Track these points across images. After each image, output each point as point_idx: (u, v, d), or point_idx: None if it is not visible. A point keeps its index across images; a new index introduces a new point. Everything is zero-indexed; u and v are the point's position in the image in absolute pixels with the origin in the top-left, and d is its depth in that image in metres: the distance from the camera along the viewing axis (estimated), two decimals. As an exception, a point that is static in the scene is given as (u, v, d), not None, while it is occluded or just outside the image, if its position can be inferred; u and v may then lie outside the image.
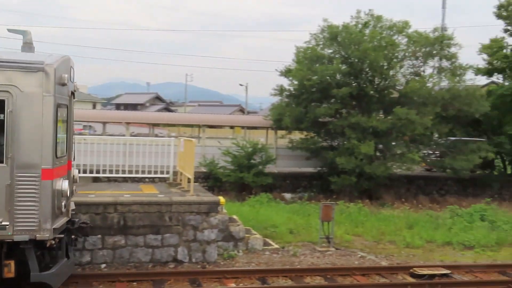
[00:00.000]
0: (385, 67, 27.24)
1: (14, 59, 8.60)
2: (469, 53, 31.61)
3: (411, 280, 12.38)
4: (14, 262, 8.68)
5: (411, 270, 12.81)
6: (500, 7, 29.70)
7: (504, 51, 29.95)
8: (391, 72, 27.73)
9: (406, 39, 29.07)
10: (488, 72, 30.71)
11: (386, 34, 28.54)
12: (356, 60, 26.94)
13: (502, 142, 28.72)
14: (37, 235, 8.56)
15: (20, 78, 8.46)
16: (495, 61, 30.09)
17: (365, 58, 26.25)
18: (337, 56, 27.73)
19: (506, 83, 30.18)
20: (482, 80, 32.73)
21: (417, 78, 28.29)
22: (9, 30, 9.76)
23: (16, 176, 8.49)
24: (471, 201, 24.93)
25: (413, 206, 25.00)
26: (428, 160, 30.66)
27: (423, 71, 29.92)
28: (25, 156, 8.52)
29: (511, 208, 24.17)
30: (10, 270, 8.69)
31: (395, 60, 27.71)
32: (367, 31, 28.25)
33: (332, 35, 27.92)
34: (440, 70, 30.33)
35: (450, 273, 12.82)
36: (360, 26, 28.45)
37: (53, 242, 8.80)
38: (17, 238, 8.50)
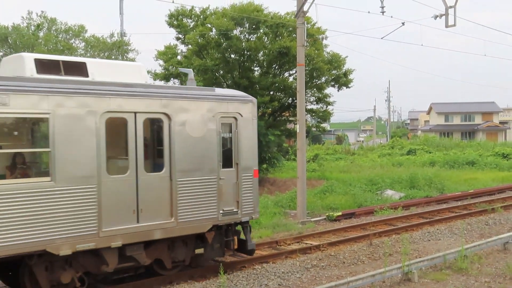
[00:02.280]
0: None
1: (238, 95, 11.95)
2: (149, 58, 33.38)
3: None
4: (236, 238, 11.84)
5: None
6: (171, 16, 32.08)
7: (178, 57, 32.33)
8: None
9: (84, 44, 29.18)
10: (165, 77, 32.83)
11: (63, 37, 28.24)
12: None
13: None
14: (253, 216, 11.86)
15: (241, 107, 11.64)
16: (170, 67, 32.31)
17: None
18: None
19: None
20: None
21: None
22: (179, 70, 12.38)
23: (241, 176, 11.59)
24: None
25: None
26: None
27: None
28: (244, 161, 11.68)
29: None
30: (235, 243, 11.81)
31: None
32: (41, 34, 27.51)
33: (1, 36, 26.43)
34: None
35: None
36: (33, 28, 27.54)
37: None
38: (244, 219, 11.65)
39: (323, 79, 32.43)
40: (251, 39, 32.78)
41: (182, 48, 33.53)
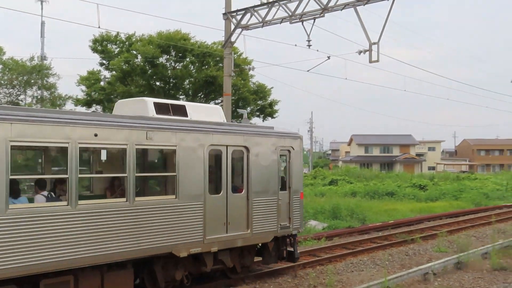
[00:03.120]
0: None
1: (291, 132, 14.59)
2: (70, 83, 32.34)
3: None
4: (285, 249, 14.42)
5: None
6: (95, 41, 31.32)
7: (102, 83, 31.53)
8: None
9: (1, 66, 27.82)
10: (87, 103, 31.85)
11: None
12: None
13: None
14: (299, 230, 14.64)
15: (293, 142, 14.31)
16: (93, 93, 31.42)
17: None
18: None
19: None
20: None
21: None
22: (239, 111, 16.71)
23: (292, 198, 14.18)
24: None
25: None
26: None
27: (22, 100, 29.10)
28: (294, 186, 14.29)
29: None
30: (285, 254, 14.37)
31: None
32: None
33: None
34: (40, 99, 30.02)
35: None
36: None
37: None
38: (294, 232, 14.25)
39: (249, 109, 32.61)
40: (177, 67, 32.59)
41: (105, 74, 32.79)
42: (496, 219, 24.95)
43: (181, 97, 32.29)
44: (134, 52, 31.80)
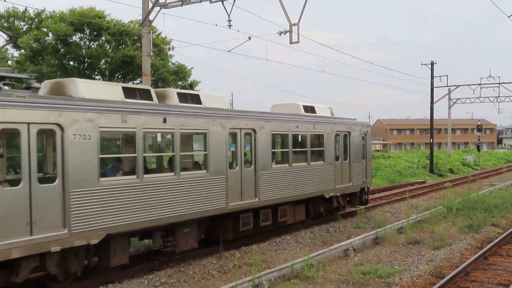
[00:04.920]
0: None
1: (360, 122, 22.15)
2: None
3: None
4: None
5: None
6: (0, 17, 29.40)
7: (9, 62, 29.75)
8: None
9: None
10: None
11: None
12: None
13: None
14: (368, 185, 21.86)
15: (368, 129, 21.91)
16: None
17: None
18: None
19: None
20: None
21: None
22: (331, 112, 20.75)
23: (368, 165, 21.57)
24: None
25: None
26: None
27: None
28: (369, 156, 21.80)
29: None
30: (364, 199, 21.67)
31: None
32: None
33: None
34: None
35: None
36: None
37: None
38: (368, 186, 21.80)
39: (169, 90, 31.98)
40: (92, 46, 31.32)
41: (13, 52, 30.91)
42: (409, 195, 26.16)
43: (97, 77, 31.07)
44: (45, 30, 30.17)
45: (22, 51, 30.47)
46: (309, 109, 18.71)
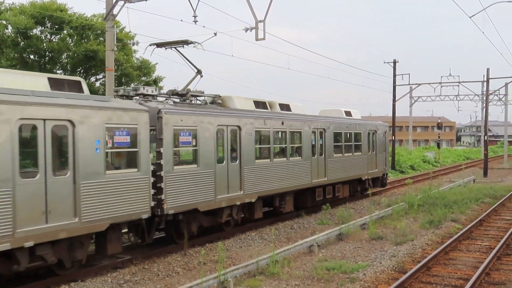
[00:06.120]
0: None
1: (380, 123, 27.91)
2: None
3: None
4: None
5: None
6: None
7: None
8: None
9: None
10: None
11: None
12: None
13: None
14: (387, 172, 28.97)
15: (378, 127, 27.16)
16: (-44, 65, 28.59)
17: None
18: None
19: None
20: None
21: None
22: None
23: (386, 156, 28.44)
24: None
25: None
26: None
27: None
28: (379, 150, 27.03)
29: None
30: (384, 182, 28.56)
31: None
32: None
33: None
34: None
35: None
36: None
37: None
38: (386, 172, 28.94)
39: (132, 85, 31.57)
40: (54, 40, 30.65)
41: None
42: (372, 191, 26.53)
43: (58, 71, 30.41)
44: (4, 22, 29.36)
45: (-20, 44, 29.55)
46: (349, 113, 25.08)
